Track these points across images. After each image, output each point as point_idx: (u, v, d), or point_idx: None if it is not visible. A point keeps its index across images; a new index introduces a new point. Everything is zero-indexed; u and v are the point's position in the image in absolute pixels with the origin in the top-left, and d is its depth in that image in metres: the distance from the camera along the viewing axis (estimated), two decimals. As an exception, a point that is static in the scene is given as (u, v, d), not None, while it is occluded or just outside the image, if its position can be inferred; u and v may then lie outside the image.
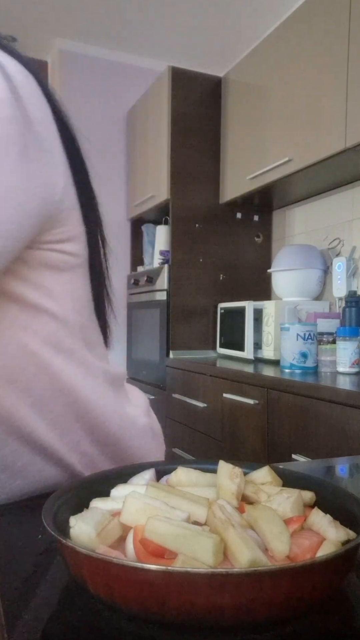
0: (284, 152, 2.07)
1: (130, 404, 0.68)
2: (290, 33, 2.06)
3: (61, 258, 0.57)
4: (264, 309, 2.19)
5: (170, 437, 2.45)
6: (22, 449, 0.56)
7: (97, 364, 0.62)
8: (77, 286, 0.60)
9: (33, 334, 0.55)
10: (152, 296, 2.66)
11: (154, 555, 0.35)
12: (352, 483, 0.70)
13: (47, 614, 0.35)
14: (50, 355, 0.56)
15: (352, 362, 1.71)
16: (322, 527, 0.38)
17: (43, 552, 0.45)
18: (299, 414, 1.55)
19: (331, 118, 1.83)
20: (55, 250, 0.56)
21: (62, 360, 0.57)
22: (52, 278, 0.57)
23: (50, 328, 0.56)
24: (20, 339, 0.55)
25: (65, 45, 2.93)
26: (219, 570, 0.31)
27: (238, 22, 2.66)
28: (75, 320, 0.59)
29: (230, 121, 2.51)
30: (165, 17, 2.65)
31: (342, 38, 1.79)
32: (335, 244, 2.31)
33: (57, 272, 0.57)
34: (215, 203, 2.59)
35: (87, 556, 0.33)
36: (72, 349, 0.58)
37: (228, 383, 1.94)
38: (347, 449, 1.37)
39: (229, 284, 2.63)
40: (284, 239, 2.67)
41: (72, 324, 0.59)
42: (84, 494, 0.45)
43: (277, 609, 0.32)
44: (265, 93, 2.22)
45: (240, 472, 0.44)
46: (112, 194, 3.06)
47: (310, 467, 0.79)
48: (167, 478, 0.48)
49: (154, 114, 2.67)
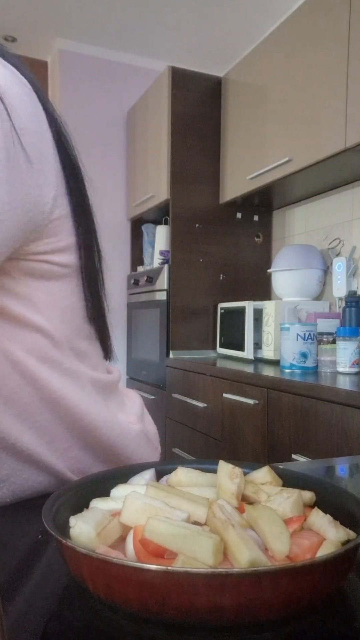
0: (284, 152, 2.07)
1: (122, 411, 0.68)
2: (290, 33, 2.06)
3: (48, 268, 0.56)
4: (264, 309, 2.19)
5: (170, 437, 2.45)
6: (5, 458, 0.56)
7: (87, 373, 0.61)
8: (65, 295, 0.58)
9: (17, 345, 0.55)
10: (152, 296, 2.66)
11: (154, 555, 0.35)
12: (352, 483, 0.70)
13: (47, 614, 0.35)
14: (36, 365, 0.56)
15: (352, 362, 1.71)
16: (322, 527, 0.38)
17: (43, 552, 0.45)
18: (299, 414, 1.55)
19: (331, 118, 1.83)
20: (41, 260, 0.55)
21: (48, 370, 0.57)
22: (38, 288, 0.56)
23: (35, 338, 0.56)
24: (3, 349, 0.54)
25: (65, 45, 2.93)
26: (219, 570, 0.31)
27: (238, 22, 2.66)
28: (62, 331, 0.58)
29: (230, 121, 2.51)
30: (165, 17, 2.65)
31: (342, 38, 1.79)
32: (335, 244, 2.31)
33: (43, 282, 0.56)
34: (215, 203, 2.59)
35: (87, 556, 0.33)
36: (58, 359, 0.58)
37: (228, 383, 1.94)
38: (347, 449, 1.37)
39: (229, 284, 2.63)
40: (284, 239, 2.67)
41: (59, 335, 0.58)
42: (84, 494, 0.45)
43: (277, 609, 0.32)
44: (265, 93, 2.22)
45: (240, 472, 0.44)
46: (112, 194, 3.06)
47: (310, 467, 0.79)
48: (167, 478, 0.48)
49: (154, 114, 2.67)
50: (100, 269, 0.64)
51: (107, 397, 0.65)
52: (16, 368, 0.55)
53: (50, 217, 0.54)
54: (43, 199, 0.53)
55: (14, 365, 0.55)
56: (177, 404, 2.35)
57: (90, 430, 0.60)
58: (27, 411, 0.56)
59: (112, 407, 0.65)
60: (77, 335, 0.61)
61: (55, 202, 0.55)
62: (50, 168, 0.54)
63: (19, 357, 0.55)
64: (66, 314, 0.59)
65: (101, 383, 0.64)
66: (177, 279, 2.52)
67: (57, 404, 0.57)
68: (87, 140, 2.92)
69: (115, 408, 0.66)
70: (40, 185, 0.53)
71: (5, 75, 0.51)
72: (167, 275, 2.51)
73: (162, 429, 2.51)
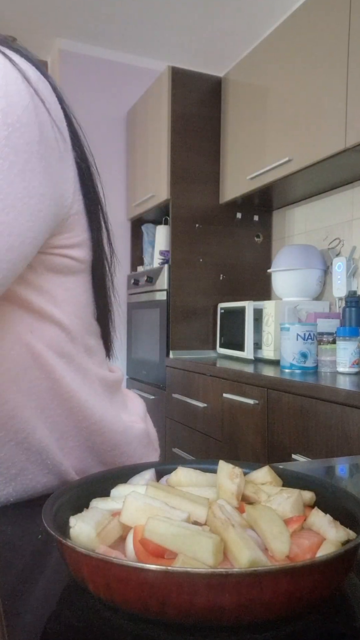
0: (284, 152, 2.07)
1: (126, 411, 0.68)
2: (290, 33, 2.06)
3: (66, 263, 0.57)
4: (264, 309, 2.19)
5: (170, 437, 2.45)
6: (17, 456, 0.56)
7: (95, 370, 0.62)
8: (79, 292, 0.60)
9: (37, 337, 0.55)
10: (152, 296, 2.66)
11: (154, 555, 0.35)
12: (352, 483, 0.70)
13: (47, 614, 0.35)
14: (54, 359, 0.56)
15: (352, 362, 1.71)
16: (322, 527, 0.38)
17: (43, 552, 0.45)
18: (299, 414, 1.55)
19: (331, 118, 1.83)
20: (61, 255, 0.56)
21: (64, 365, 0.57)
22: (56, 283, 0.57)
23: (54, 332, 0.57)
24: (24, 342, 0.55)
25: (65, 45, 2.93)
26: (219, 570, 0.31)
27: (238, 22, 2.66)
28: (76, 326, 0.59)
29: (230, 121, 2.51)
30: (165, 17, 2.65)
31: (342, 38, 1.79)
32: (335, 244, 2.31)
33: (62, 277, 0.57)
34: (215, 203, 2.59)
35: (87, 556, 0.33)
36: (73, 355, 0.58)
37: (228, 383, 1.94)
38: (347, 449, 1.37)
39: (229, 284, 2.63)
40: (284, 239, 2.67)
41: (74, 330, 0.59)
42: (84, 494, 0.45)
43: (277, 609, 0.32)
44: (265, 93, 2.22)
45: (240, 472, 0.44)
46: (112, 194, 3.06)
47: (310, 467, 0.79)
48: (167, 478, 0.48)
49: (154, 114, 2.67)
50: (110, 267, 0.65)
51: (113, 396, 0.66)
52: (37, 361, 0.55)
53: (70, 211, 0.56)
54: (66, 192, 0.54)
55: (35, 358, 0.55)
56: (177, 404, 2.35)
57: (96, 429, 0.60)
58: (43, 405, 0.57)
59: (117, 406, 0.66)
60: (87, 331, 0.62)
61: (74, 197, 0.56)
62: (70, 162, 0.55)
63: (39, 350, 0.55)
64: (80, 310, 0.60)
65: (107, 381, 0.64)
66: (177, 279, 2.52)
67: (69, 399, 0.58)
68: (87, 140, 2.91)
69: (119, 407, 0.66)
70: (64, 178, 0.54)
71: (33, 72, 0.52)
72: (167, 275, 2.51)
73: (162, 429, 2.51)
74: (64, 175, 0.54)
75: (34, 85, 0.50)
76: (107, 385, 0.64)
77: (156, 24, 2.72)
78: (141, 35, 2.84)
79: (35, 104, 0.50)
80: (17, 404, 0.55)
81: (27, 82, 0.50)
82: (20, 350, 0.54)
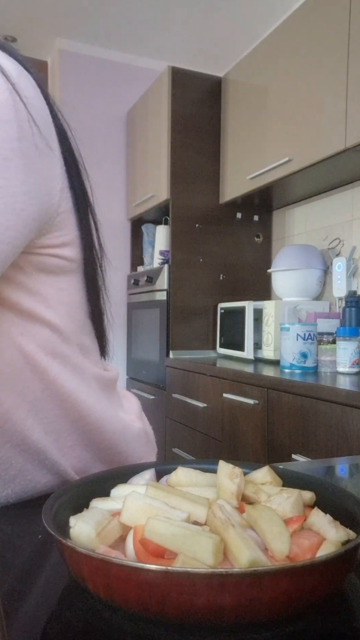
0: (284, 152, 2.07)
1: (122, 410, 0.68)
2: (290, 33, 2.06)
3: (57, 263, 0.57)
4: (264, 309, 2.19)
5: (170, 437, 2.45)
6: (15, 457, 0.56)
7: (91, 369, 0.62)
8: (72, 291, 0.59)
9: (29, 339, 0.55)
10: (152, 296, 2.66)
11: (154, 555, 0.35)
12: (352, 483, 0.70)
13: (47, 614, 0.35)
14: (47, 360, 0.56)
15: (352, 362, 1.71)
16: (322, 527, 0.38)
17: (43, 552, 0.45)
18: (299, 414, 1.55)
19: (331, 118, 1.83)
20: (51, 255, 0.56)
21: (58, 365, 0.57)
22: (47, 283, 0.56)
23: (46, 333, 0.56)
24: (16, 344, 0.54)
25: (65, 45, 2.93)
26: (218, 570, 0.31)
27: (238, 22, 2.66)
28: (70, 326, 0.59)
29: (230, 121, 2.51)
30: (165, 17, 2.65)
31: (342, 38, 1.79)
32: (335, 244, 2.31)
33: (53, 277, 0.57)
34: (215, 203, 2.59)
35: (87, 556, 0.33)
36: (67, 355, 0.58)
37: (228, 383, 1.94)
38: (347, 449, 1.37)
39: (229, 284, 2.63)
40: (284, 239, 2.67)
41: (67, 330, 0.58)
42: (84, 494, 0.45)
43: (277, 609, 0.32)
44: (265, 93, 2.22)
45: (240, 472, 0.44)
46: (112, 194, 3.06)
47: (310, 467, 0.79)
48: (167, 478, 0.48)
49: (154, 114, 2.67)
50: (101, 266, 0.64)
51: (109, 395, 0.65)
52: (30, 363, 0.55)
53: (59, 209, 0.55)
54: (52, 190, 0.54)
55: (28, 360, 0.55)
56: (177, 404, 2.35)
57: (95, 428, 0.60)
58: (38, 406, 0.57)
59: (115, 405, 0.66)
60: (81, 331, 0.61)
61: (62, 194, 0.55)
62: (56, 160, 0.55)
63: (31, 351, 0.55)
64: (72, 310, 0.59)
65: (103, 380, 0.64)
66: (177, 279, 2.52)
67: (66, 399, 0.58)
68: (87, 140, 2.91)
69: (116, 406, 0.66)
70: (50, 176, 0.53)
71: (14, 67, 0.51)
72: (167, 275, 2.51)
73: (162, 429, 2.51)
74: (49, 172, 0.53)
75: (13, 80, 0.49)
76: (104, 384, 0.64)
77: (156, 24, 2.72)
78: (141, 35, 2.84)
79: (14, 99, 0.49)
80: (12, 406, 0.55)
81: (4, 77, 0.48)
82: (13, 352, 0.54)
